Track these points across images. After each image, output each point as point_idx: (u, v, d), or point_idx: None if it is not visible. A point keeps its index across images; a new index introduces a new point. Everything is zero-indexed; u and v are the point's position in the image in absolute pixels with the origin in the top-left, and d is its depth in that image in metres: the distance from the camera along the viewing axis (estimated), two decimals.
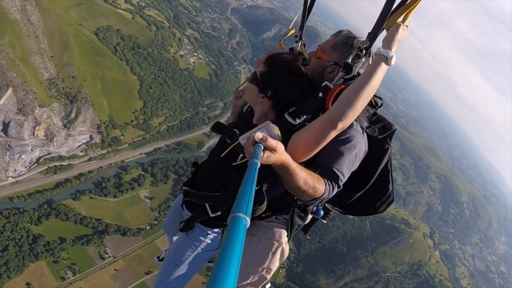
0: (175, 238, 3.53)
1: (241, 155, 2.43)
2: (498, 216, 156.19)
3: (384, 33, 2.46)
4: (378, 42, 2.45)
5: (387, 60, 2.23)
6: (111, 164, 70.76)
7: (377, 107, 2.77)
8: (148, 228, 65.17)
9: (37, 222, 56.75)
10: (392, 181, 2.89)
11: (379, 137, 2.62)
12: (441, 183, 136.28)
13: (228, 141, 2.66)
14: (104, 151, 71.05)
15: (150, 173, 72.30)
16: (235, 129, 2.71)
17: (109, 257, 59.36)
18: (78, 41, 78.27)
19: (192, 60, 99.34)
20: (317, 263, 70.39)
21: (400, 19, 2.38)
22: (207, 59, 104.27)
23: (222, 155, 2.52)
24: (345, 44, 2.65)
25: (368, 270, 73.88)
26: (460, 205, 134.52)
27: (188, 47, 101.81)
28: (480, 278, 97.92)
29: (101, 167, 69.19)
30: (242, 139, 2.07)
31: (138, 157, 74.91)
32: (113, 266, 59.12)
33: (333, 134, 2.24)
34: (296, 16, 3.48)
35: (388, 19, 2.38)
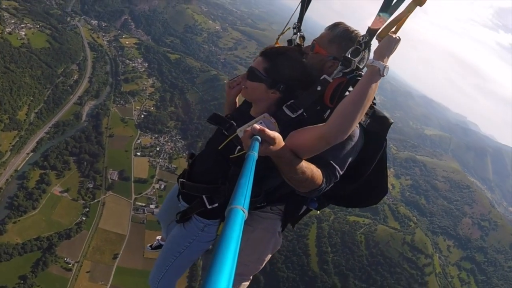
0: (170, 227, 3.56)
1: (239, 147, 2.50)
2: None
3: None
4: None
5: (380, 71, 2.24)
6: (7, 180, 66.05)
7: (373, 102, 2.65)
8: (84, 218, 65.32)
9: None
10: (387, 174, 3.03)
11: (376, 131, 2.69)
12: None
13: (226, 133, 2.68)
14: None
15: (49, 168, 69.81)
16: (232, 121, 2.73)
17: (73, 265, 59.31)
18: None
19: (23, 33, 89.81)
20: None
21: (392, 30, 2.39)
22: (38, 26, 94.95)
23: (219, 148, 2.61)
24: (343, 37, 2.73)
25: None
26: None
27: (12, 21, 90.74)
28: None
29: (0, 188, 64.25)
30: (240, 132, 2.20)
31: (27, 158, 70.76)
32: (83, 270, 59.45)
33: (327, 147, 2.29)
34: (293, 13, 3.42)
35: (379, 31, 2.40)
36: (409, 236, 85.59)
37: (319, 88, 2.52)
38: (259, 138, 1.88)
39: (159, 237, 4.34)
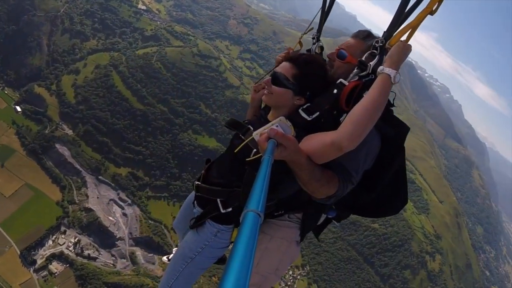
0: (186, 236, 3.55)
1: (254, 150, 2.61)
2: None
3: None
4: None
5: (390, 79, 2.43)
6: None
7: (391, 106, 2.85)
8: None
9: None
10: (406, 182, 3.16)
11: (392, 136, 2.81)
12: None
13: (242, 137, 2.85)
14: None
15: None
16: (249, 126, 2.92)
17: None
18: None
19: None
20: None
21: (403, 37, 2.60)
22: None
23: (235, 151, 2.74)
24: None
25: None
26: None
27: None
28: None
29: None
30: (256, 135, 2.34)
31: None
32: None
33: (340, 154, 2.40)
34: (315, 17, 3.67)
35: (390, 39, 2.66)
36: (194, 48, 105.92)
37: (335, 91, 2.68)
38: (275, 141, 2.02)
39: (176, 249, 4.24)
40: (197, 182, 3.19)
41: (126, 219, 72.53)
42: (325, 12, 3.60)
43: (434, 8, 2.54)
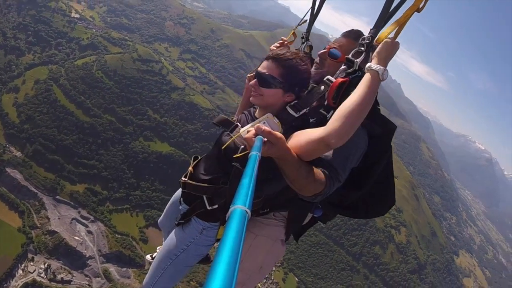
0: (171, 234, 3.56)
1: (242, 147, 2.66)
2: None
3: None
4: None
5: (379, 75, 2.46)
6: None
7: (377, 105, 2.85)
8: None
9: None
10: (393, 182, 3.18)
11: (379, 134, 2.85)
12: None
13: (230, 134, 2.90)
14: None
15: None
16: (237, 123, 2.98)
17: None
18: None
19: None
20: None
21: (391, 34, 2.61)
22: None
23: (223, 147, 2.77)
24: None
25: None
26: None
27: None
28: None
29: None
30: (244, 132, 2.40)
31: None
32: None
33: (327, 150, 2.46)
34: (306, 14, 3.77)
35: (378, 36, 2.68)
36: (134, 53, 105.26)
37: (322, 88, 2.76)
38: (262, 138, 2.03)
39: (160, 248, 4.20)
40: (183, 179, 3.20)
41: (92, 237, 71.39)
42: (315, 10, 3.69)
43: (420, 6, 2.59)
